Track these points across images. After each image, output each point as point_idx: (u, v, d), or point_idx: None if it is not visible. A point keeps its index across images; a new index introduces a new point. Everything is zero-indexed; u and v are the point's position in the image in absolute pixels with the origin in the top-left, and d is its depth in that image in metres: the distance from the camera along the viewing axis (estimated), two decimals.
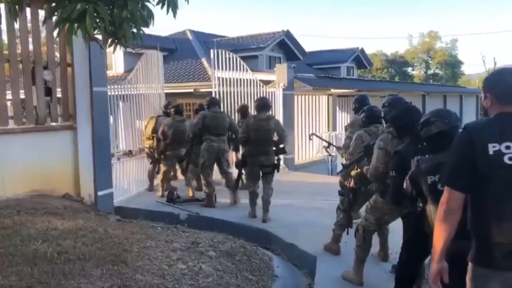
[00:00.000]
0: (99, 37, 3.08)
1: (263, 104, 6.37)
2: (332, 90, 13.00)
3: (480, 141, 2.01)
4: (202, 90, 13.35)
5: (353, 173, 4.44)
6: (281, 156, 6.64)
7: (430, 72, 49.94)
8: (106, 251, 3.71)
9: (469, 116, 22.93)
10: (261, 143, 6.15)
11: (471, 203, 2.08)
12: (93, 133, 6.25)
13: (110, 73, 17.15)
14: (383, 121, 4.62)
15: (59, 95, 6.14)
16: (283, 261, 4.88)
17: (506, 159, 1.96)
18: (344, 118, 13.64)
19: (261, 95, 9.99)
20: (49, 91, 5.92)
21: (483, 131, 2.05)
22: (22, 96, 5.73)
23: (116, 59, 17.96)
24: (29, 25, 5.71)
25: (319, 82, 12.84)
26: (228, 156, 7.23)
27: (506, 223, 1.95)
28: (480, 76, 51.15)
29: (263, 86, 10.24)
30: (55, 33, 3.04)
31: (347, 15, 79.42)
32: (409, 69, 50.94)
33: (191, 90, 14.09)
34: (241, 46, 18.41)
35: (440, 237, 2.11)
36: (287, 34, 19.00)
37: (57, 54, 6.21)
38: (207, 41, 18.76)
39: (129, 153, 7.92)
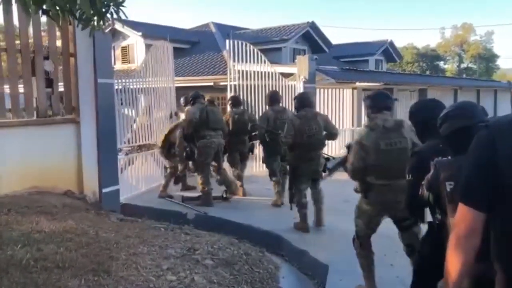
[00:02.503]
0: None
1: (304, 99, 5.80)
2: (357, 84, 12.41)
3: (504, 143, 1.52)
4: (222, 83, 13.01)
5: None
6: None
7: (463, 66, 48.29)
8: (89, 259, 3.35)
9: (504, 112, 21.85)
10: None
11: (494, 225, 1.56)
12: (97, 127, 5.95)
13: (133, 66, 17.03)
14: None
15: (62, 88, 5.85)
16: (292, 270, 4.47)
17: None
18: None
19: (281, 88, 9.59)
20: (50, 83, 5.62)
21: (509, 130, 1.55)
22: (22, 88, 5.46)
23: (138, 51, 17.81)
24: None
25: (343, 75, 12.29)
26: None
27: None
28: None
29: (282, 79, 9.78)
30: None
31: (376, 5, 77.67)
32: (441, 63, 49.40)
33: (211, 84, 13.77)
34: (264, 38, 17.97)
35: (453, 268, 1.60)
36: (312, 25, 18.42)
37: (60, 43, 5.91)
38: (230, 34, 18.38)
39: (138, 148, 7.60)
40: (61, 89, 5.87)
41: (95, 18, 2.71)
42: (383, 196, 3.62)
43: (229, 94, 9.46)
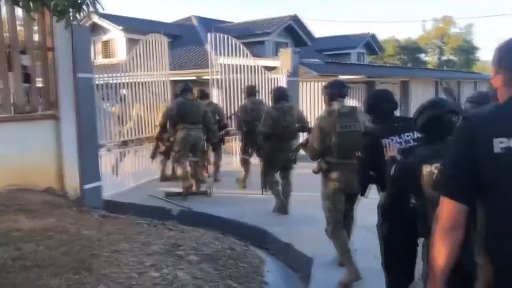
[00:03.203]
0: None
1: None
2: (340, 77, 12.43)
3: (483, 135, 1.51)
4: (205, 77, 12.91)
5: None
6: None
7: (444, 58, 48.76)
8: (70, 257, 3.29)
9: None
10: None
11: (476, 218, 1.58)
12: (78, 122, 5.86)
13: (114, 60, 16.80)
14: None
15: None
16: (277, 264, 4.45)
17: None
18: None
19: (264, 82, 9.55)
20: (28, 78, 5.50)
21: (488, 122, 1.55)
22: None
23: (119, 45, 17.58)
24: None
25: (326, 68, 12.30)
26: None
27: None
28: None
29: (265, 73, 9.73)
30: None
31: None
32: (422, 55, 49.79)
33: (195, 77, 13.65)
34: (246, 31, 17.86)
35: (438, 261, 1.60)
36: (295, 18, 18.40)
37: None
38: (212, 27, 18.23)
39: (123, 144, 7.48)
40: (40, 84, 5.77)
41: (71, 10, 2.64)
42: (341, 174, 3.95)
43: (211, 88, 9.40)
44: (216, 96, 9.61)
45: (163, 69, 8.65)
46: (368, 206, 3.68)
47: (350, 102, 13.26)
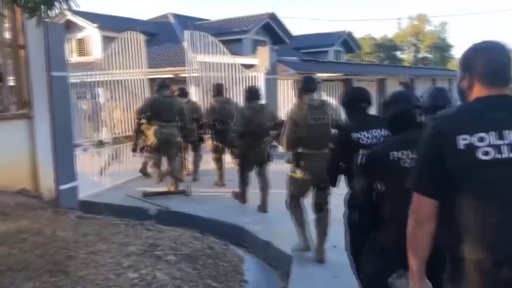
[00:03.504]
0: None
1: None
2: (318, 75, 12.50)
3: (448, 133, 1.62)
4: (183, 75, 12.81)
5: None
6: None
7: (420, 56, 49.52)
8: (45, 259, 3.22)
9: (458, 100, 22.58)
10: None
11: (442, 212, 1.68)
12: (53, 122, 5.73)
13: (90, 58, 16.52)
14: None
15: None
16: (257, 262, 4.45)
17: (480, 153, 1.57)
18: None
19: (242, 80, 9.54)
20: None
21: (453, 121, 1.67)
22: None
23: (94, 43, 17.31)
24: None
25: (304, 66, 12.34)
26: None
27: (483, 232, 1.57)
28: None
29: (243, 71, 9.71)
30: None
31: None
32: (398, 53, 50.46)
33: (172, 75, 13.53)
34: (224, 29, 17.80)
35: (414, 252, 1.73)
36: (272, 16, 18.41)
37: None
38: (189, 25, 18.10)
39: (99, 144, 7.37)
40: (12, 83, 5.63)
41: (42, 7, 2.58)
42: (311, 163, 4.20)
43: (189, 86, 9.34)
44: (194, 94, 9.55)
45: (140, 67, 8.54)
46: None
47: (327, 99, 13.38)
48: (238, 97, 9.08)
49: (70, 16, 16.70)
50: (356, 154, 2.91)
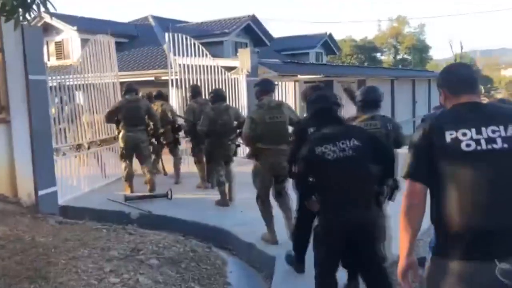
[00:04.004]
0: None
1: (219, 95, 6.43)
2: (299, 76, 12.57)
3: (437, 130, 1.98)
4: (163, 77, 12.72)
5: None
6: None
7: (399, 57, 50.15)
8: (25, 266, 3.17)
9: (438, 99, 22.97)
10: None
11: (432, 194, 2.00)
12: (30, 126, 5.63)
13: (68, 61, 16.29)
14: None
15: None
16: (240, 264, 4.44)
17: (463, 145, 1.92)
18: None
19: (224, 82, 9.53)
20: None
21: (440, 120, 2.05)
22: None
23: (73, 47, 17.08)
24: None
25: (285, 68, 12.39)
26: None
27: (466, 212, 1.89)
28: (447, 61, 51.69)
29: (225, 73, 9.70)
30: None
31: None
32: (378, 55, 51.01)
33: (152, 78, 13.43)
34: (205, 31, 17.77)
35: (406, 231, 2.01)
36: (253, 18, 18.45)
37: None
38: (170, 27, 18.02)
39: (77, 147, 7.27)
40: None
41: (20, 10, 2.54)
42: (269, 157, 4.63)
43: (170, 89, 9.28)
44: (175, 97, 9.50)
45: (112, 70, 8.46)
46: None
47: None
48: None
49: (48, 19, 16.50)
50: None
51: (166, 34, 9.19)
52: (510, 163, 1.91)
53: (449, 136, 1.93)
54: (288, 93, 12.04)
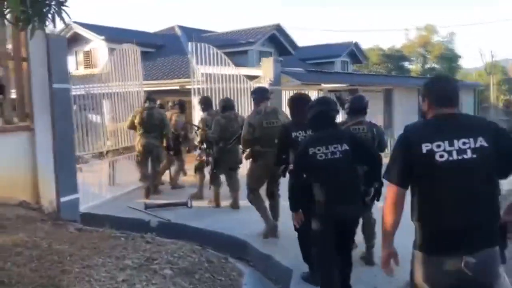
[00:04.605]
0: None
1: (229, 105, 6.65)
2: (323, 85, 12.46)
3: (415, 141, 2.23)
4: (188, 87, 12.82)
5: None
6: None
7: (428, 66, 49.32)
8: (39, 273, 3.17)
9: (467, 110, 22.42)
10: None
11: (412, 196, 2.29)
12: (54, 134, 5.72)
13: (96, 70, 16.62)
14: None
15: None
16: (256, 276, 4.37)
17: (437, 157, 2.17)
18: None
19: (246, 91, 9.52)
20: (1, 89, 5.36)
21: (419, 132, 2.30)
22: None
23: (101, 56, 17.42)
24: None
25: (308, 77, 12.31)
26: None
27: (440, 213, 2.19)
28: (477, 70, 50.53)
29: (247, 82, 9.69)
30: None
31: (342, 7, 77.87)
32: (406, 64, 50.29)
33: (178, 87, 13.56)
34: (230, 41, 17.87)
35: (387, 226, 2.33)
36: (278, 28, 18.46)
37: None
38: (195, 36, 18.20)
39: (100, 155, 7.36)
40: (14, 95, 5.64)
41: (36, 19, 2.56)
42: (265, 159, 5.05)
43: (193, 98, 9.32)
44: (197, 106, 9.54)
45: (136, 79, 8.56)
46: None
47: None
48: (242, 108, 9.07)
49: (77, 29, 16.92)
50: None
51: (189, 44, 9.25)
52: (478, 172, 2.18)
53: (425, 147, 2.18)
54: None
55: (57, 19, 2.72)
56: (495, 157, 2.17)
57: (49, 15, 2.63)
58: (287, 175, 4.37)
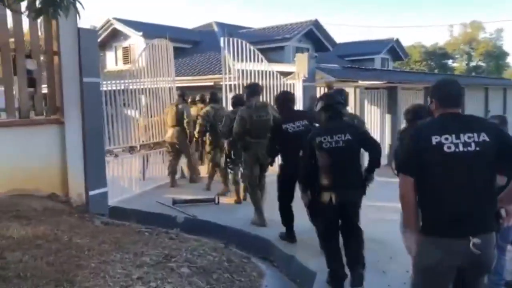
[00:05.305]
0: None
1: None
2: (360, 82, 12.09)
3: (425, 135, 2.54)
4: (222, 83, 12.79)
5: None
6: None
7: (473, 64, 47.57)
8: (54, 267, 3.15)
9: None
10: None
11: (419, 184, 2.53)
12: (83, 127, 5.75)
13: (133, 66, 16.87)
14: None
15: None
16: (279, 277, 4.22)
17: (445, 148, 2.47)
18: (374, 112, 12.68)
19: (280, 87, 9.37)
20: (33, 82, 5.44)
21: (428, 127, 2.63)
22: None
23: (139, 51, 17.63)
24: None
25: (344, 73, 11.97)
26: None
27: (446, 199, 2.47)
28: None
29: (281, 78, 9.53)
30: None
31: (382, 3, 76.00)
32: (450, 61, 48.68)
33: (212, 83, 13.55)
34: (266, 37, 17.72)
35: (406, 211, 2.63)
36: (316, 23, 18.14)
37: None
38: (232, 33, 18.14)
39: (130, 149, 7.40)
40: (46, 89, 5.71)
41: (50, 8, 2.50)
42: (255, 149, 5.66)
43: (224, 93, 9.25)
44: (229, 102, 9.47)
45: (169, 75, 8.54)
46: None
47: (371, 108, 12.97)
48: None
49: (117, 25, 17.20)
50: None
51: (221, 39, 9.16)
52: (481, 162, 2.47)
53: (434, 140, 2.49)
54: (348, 99, 11.63)
55: (72, 9, 2.66)
56: (496, 150, 2.47)
57: (63, 5, 2.56)
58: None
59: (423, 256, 2.53)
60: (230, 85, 9.21)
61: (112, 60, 19.39)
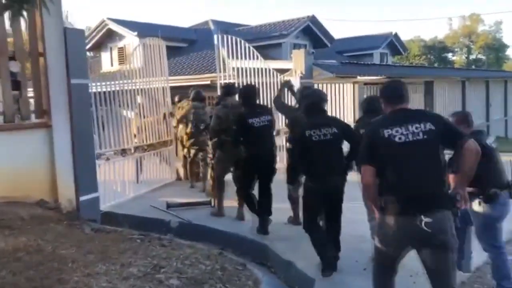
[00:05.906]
0: None
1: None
2: (358, 78, 11.89)
3: (378, 129, 2.99)
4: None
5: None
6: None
7: (472, 57, 47.33)
8: (34, 282, 2.95)
9: None
10: None
11: (379, 173, 2.97)
12: (72, 130, 5.54)
13: (124, 66, 16.65)
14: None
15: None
16: (276, 284, 4.00)
17: (396, 139, 2.90)
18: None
19: (276, 85, 9.16)
20: (17, 85, 5.22)
21: (380, 124, 3.07)
22: None
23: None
24: None
25: (342, 69, 11.77)
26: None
27: (401, 183, 2.88)
28: None
29: (277, 76, 9.32)
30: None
31: None
32: (449, 55, 48.44)
33: (209, 82, 13.34)
34: (263, 34, 17.50)
35: (370, 199, 3.19)
36: (313, 19, 17.91)
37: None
38: (229, 30, 17.93)
39: (122, 152, 7.19)
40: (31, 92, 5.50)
41: (16, 5, 2.29)
42: (230, 147, 5.84)
43: (219, 92, 9.05)
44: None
45: (162, 75, 8.32)
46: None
47: None
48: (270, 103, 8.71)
49: (111, 25, 16.99)
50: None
51: (215, 36, 8.95)
52: (429, 149, 2.88)
53: (386, 133, 2.94)
54: (346, 95, 11.44)
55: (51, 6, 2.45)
56: (441, 136, 2.87)
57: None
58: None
59: (382, 229, 3.02)
60: (223, 83, 8.99)
61: (107, 61, 19.17)
